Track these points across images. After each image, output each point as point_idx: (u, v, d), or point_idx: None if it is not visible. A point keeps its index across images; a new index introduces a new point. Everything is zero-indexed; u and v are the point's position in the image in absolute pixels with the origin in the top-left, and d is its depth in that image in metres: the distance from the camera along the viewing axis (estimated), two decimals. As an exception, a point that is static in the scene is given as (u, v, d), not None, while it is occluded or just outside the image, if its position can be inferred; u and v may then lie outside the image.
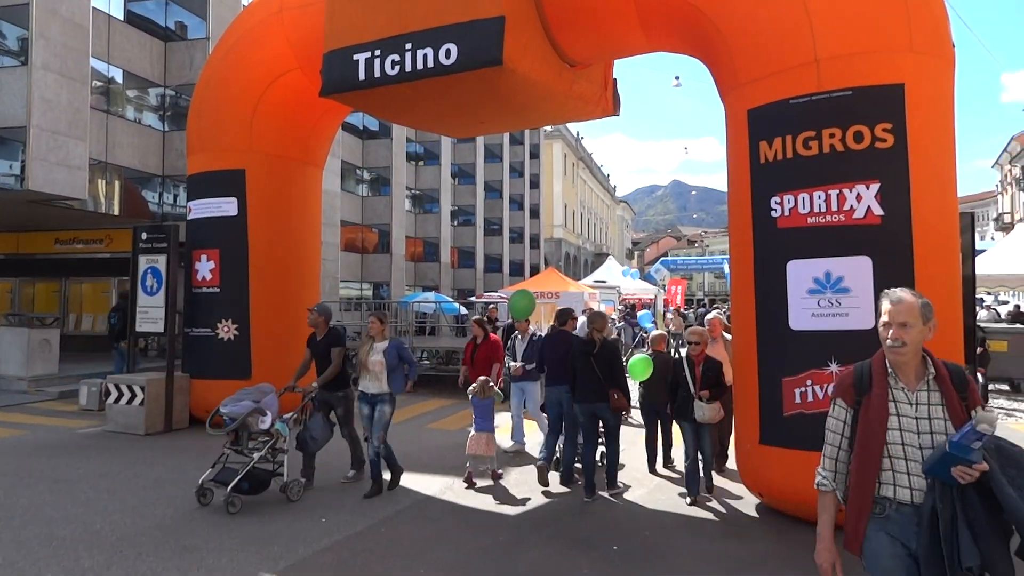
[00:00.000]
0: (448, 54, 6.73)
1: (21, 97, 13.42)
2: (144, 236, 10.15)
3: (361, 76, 7.21)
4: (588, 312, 8.89)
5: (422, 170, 34.80)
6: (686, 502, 6.21)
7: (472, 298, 25.97)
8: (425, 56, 6.84)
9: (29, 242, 19.65)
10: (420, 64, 6.87)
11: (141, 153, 17.87)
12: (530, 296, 9.12)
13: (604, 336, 6.60)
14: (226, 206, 9.77)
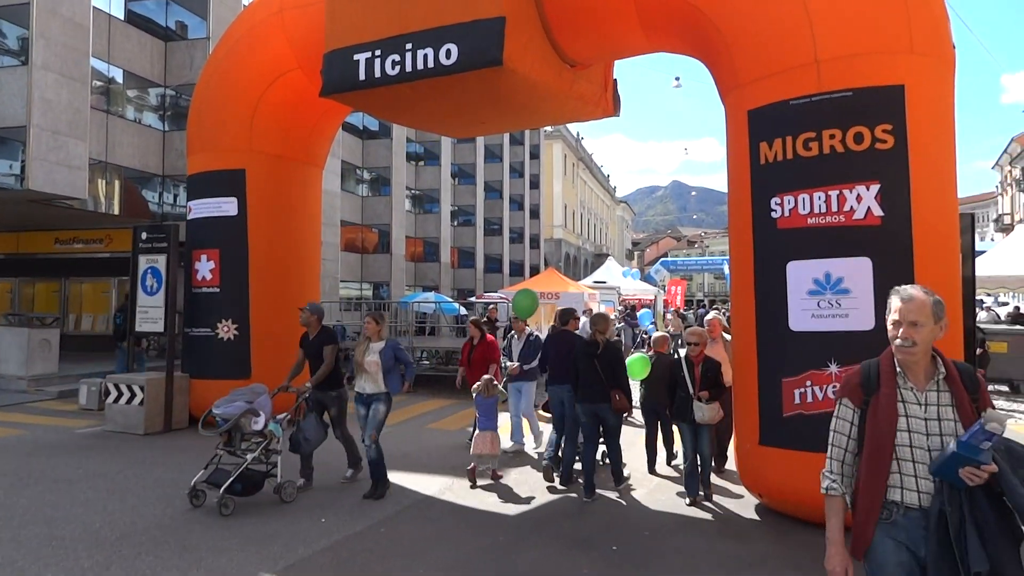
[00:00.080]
0: (448, 54, 6.73)
1: (21, 97, 13.43)
2: (144, 236, 10.17)
3: (361, 76, 7.22)
4: (589, 313, 8.90)
5: (422, 170, 34.80)
6: (685, 503, 6.22)
7: (472, 298, 25.97)
8: (425, 56, 6.85)
9: (29, 242, 19.65)
10: (420, 64, 6.88)
11: (141, 153, 17.87)
12: (533, 295, 9.12)
13: (607, 338, 6.63)
14: (226, 206, 9.78)
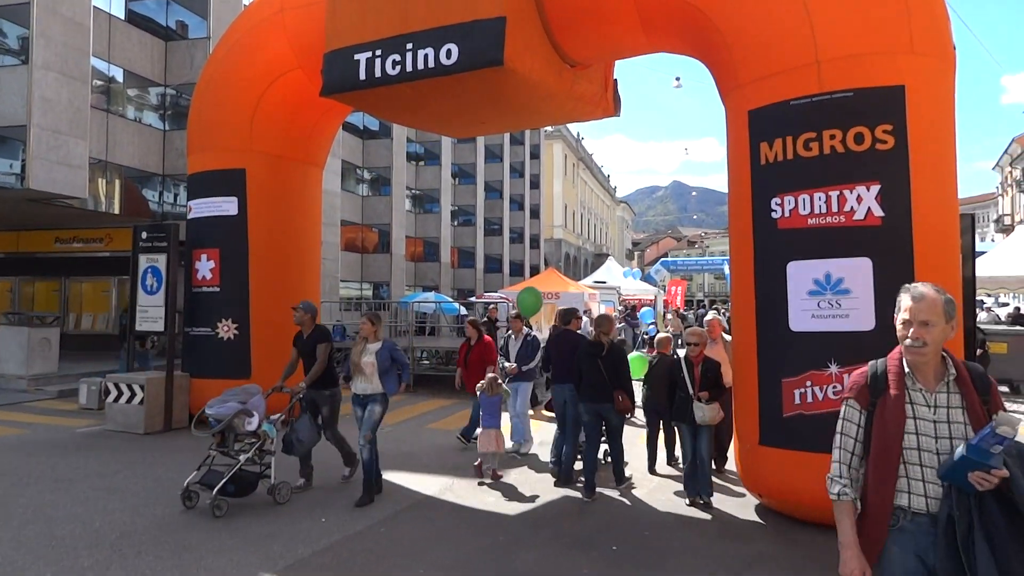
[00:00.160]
0: (449, 54, 6.73)
1: (22, 96, 13.42)
2: (144, 235, 10.17)
3: (362, 76, 7.22)
4: (588, 313, 8.94)
5: (422, 170, 34.79)
6: (685, 503, 6.22)
7: (472, 298, 25.97)
8: (426, 56, 6.85)
9: (29, 241, 19.65)
10: (421, 64, 6.88)
11: (141, 152, 17.86)
12: (538, 293, 9.18)
13: (611, 339, 6.66)
14: (226, 205, 9.79)
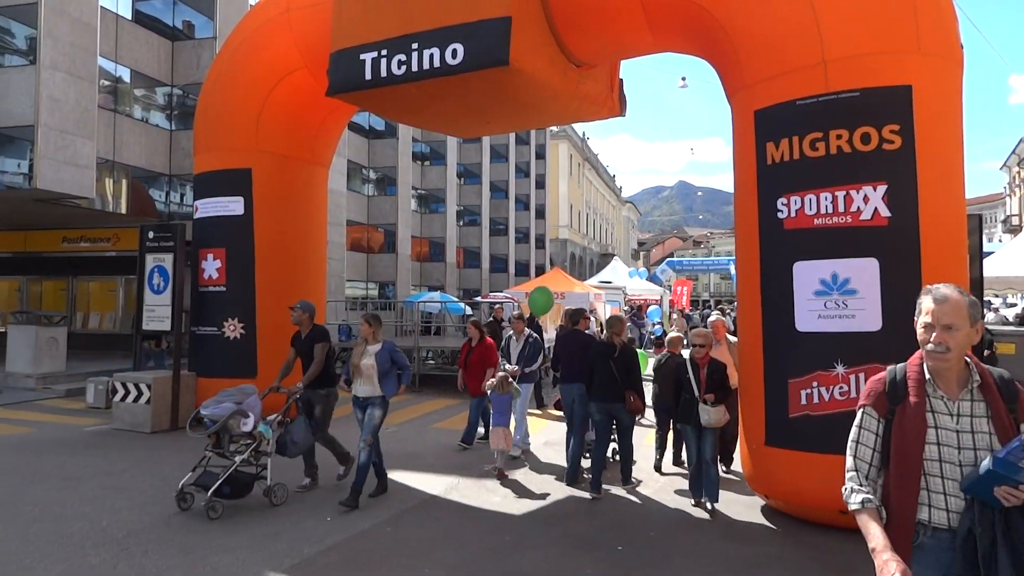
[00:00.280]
0: (455, 54, 6.73)
1: (29, 96, 13.49)
2: (151, 235, 10.22)
3: (367, 76, 7.22)
4: (594, 313, 8.98)
5: (428, 170, 34.82)
6: (690, 503, 6.21)
7: (478, 298, 25.98)
8: (432, 56, 6.85)
9: (37, 240, 19.74)
10: (427, 64, 6.88)
11: (148, 152, 17.92)
12: (549, 293, 9.23)
13: (623, 339, 6.73)
14: (232, 205, 9.81)
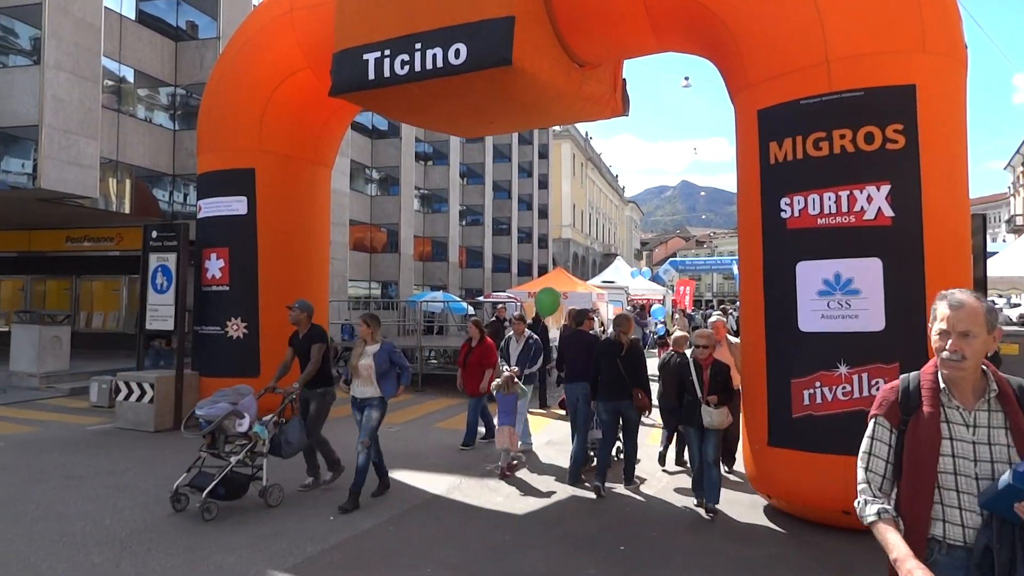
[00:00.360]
0: (458, 54, 6.73)
1: (33, 96, 13.52)
2: (154, 234, 10.25)
3: (371, 76, 7.23)
4: (597, 313, 9.04)
5: (431, 170, 34.84)
6: (693, 503, 6.20)
7: (480, 298, 25.98)
8: (435, 56, 6.85)
9: (40, 240, 19.78)
10: (430, 64, 6.89)
11: (152, 152, 17.96)
12: (556, 293, 9.32)
13: (630, 338, 6.76)
14: (236, 205, 9.84)
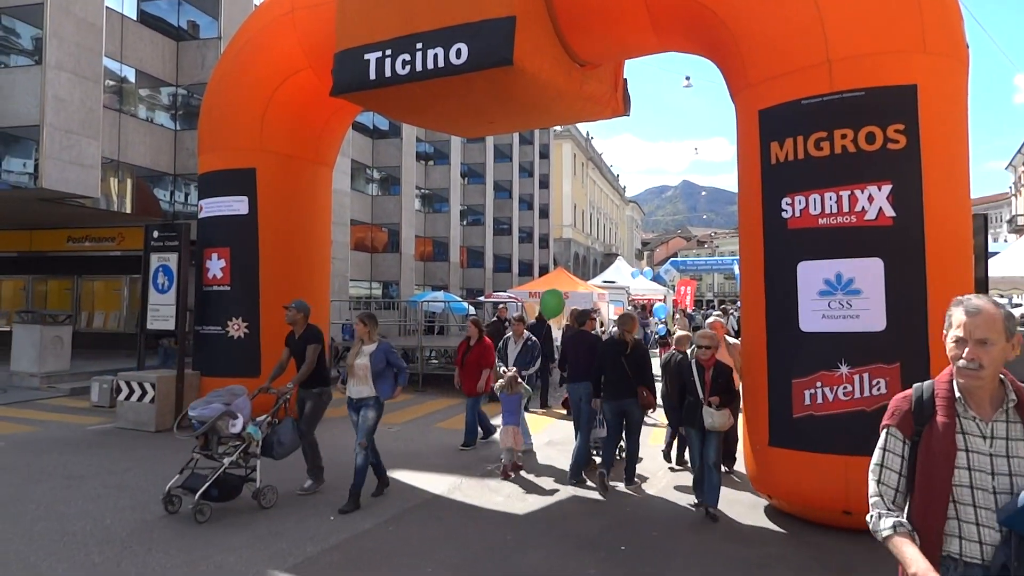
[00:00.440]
0: (459, 54, 6.73)
1: (35, 96, 13.53)
2: (156, 234, 10.25)
3: (372, 76, 7.23)
4: (597, 313, 9.12)
5: (432, 169, 34.84)
6: (694, 503, 6.19)
7: (481, 298, 25.98)
8: (436, 56, 6.85)
9: (42, 240, 19.81)
10: (431, 64, 6.89)
11: (153, 152, 17.97)
12: (560, 295, 9.39)
13: (634, 336, 6.81)
14: (237, 205, 9.84)
